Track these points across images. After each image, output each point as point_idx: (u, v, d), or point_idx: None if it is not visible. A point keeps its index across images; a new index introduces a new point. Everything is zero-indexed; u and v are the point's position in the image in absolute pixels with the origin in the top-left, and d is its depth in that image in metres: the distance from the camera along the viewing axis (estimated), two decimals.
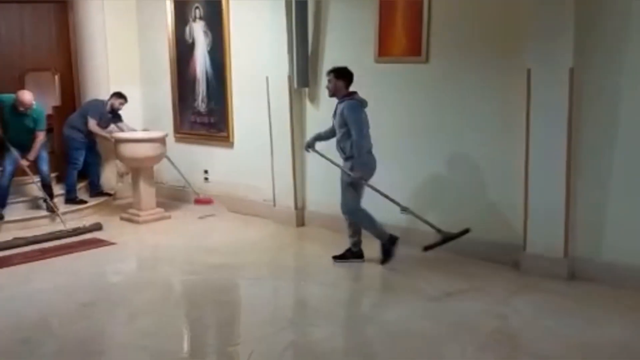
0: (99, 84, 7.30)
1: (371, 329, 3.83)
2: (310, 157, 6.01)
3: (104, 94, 7.09)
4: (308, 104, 6.04)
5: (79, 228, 6.01)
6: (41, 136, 6.21)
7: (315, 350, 3.53)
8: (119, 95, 6.92)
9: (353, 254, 4.94)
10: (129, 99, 7.02)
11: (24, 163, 6.13)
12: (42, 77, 7.52)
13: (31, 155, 6.16)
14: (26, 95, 6.10)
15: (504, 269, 4.65)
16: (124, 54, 7.48)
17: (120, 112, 6.97)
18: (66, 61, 7.63)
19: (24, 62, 7.53)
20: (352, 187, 4.74)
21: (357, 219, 4.84)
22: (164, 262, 5.19)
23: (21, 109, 6.06)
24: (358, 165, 4.64)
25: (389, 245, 4.80)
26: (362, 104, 4.72)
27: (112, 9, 7.34)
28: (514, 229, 4.71)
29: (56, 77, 7.56)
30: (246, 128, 6.62)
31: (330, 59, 5.72)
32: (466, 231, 4.56)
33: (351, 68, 4.78)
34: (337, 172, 4.81)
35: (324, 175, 5.60)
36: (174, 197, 7.27)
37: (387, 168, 5.03)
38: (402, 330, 3.69)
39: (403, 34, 5.23)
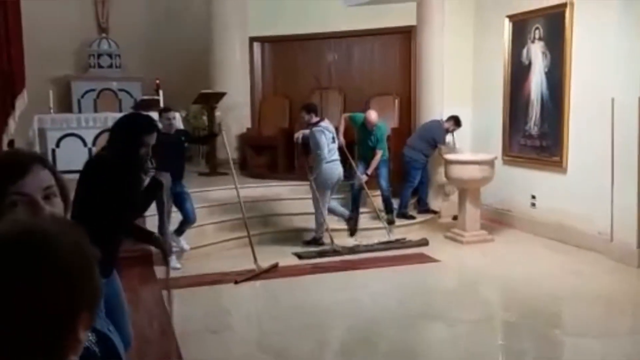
0: (434, 106, 7.68)
1: None
2: None
3: (437, 116, 7.45)
4: None
5: (409, 241, 6.42)
6: (379, 154, 6.70)
7: None
8: (456, 120, 7.21)
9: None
10: (460, 120, 7.24)
11: (363, 178, 6.73)
12: (384, 101, 8.23)
13: (369, 170, 6.74)
14: (372, 115, 6.72)
15: None
16: (458, 76, 7.70)
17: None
18: (406, 86, 8.24)
19: (371, 87, 8.38)
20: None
21: None
22: (483, 289, 5.15)
23: (368, 127, 6.76)
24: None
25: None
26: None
27: (451, 33, 7.62)
28: None
29: (396, 101, 8.20)
30: (583, 153, 6.13)
31: None
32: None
33: None
34: None
35: None
36: (498, 221, 7.17)
37: None
38: None
39: None
